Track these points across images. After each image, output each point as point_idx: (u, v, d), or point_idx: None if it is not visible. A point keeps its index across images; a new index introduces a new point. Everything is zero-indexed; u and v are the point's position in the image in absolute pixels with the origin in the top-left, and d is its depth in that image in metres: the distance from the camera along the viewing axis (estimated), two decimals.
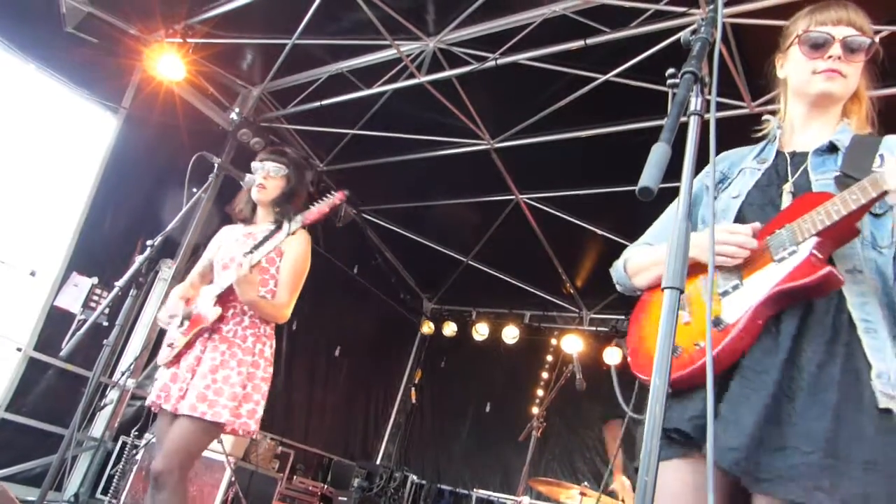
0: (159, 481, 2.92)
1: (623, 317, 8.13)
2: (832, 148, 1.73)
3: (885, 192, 1.45)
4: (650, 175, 1.14)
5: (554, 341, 8.48)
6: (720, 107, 4.94)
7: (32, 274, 5.51)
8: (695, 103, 1.29)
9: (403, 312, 9.63)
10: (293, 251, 3.32)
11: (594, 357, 7.84)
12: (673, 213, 1.79)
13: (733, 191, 1.81)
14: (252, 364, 3.13)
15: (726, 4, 4.25)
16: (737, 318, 1.55)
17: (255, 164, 3.47)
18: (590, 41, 4.90)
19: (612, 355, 7.87)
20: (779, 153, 1.82)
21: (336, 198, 3.18)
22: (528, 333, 8.76)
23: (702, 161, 1.29)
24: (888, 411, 1.46)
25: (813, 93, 1.78)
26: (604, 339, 8.09)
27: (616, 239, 7.09)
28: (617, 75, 5.18)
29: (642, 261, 1.96)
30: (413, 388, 9.74)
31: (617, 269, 2.05)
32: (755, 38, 4.58)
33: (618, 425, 6.74)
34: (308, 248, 3.37)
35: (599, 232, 7.12)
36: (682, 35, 1.41)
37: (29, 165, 5.51)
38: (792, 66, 1.86)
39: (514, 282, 8.61)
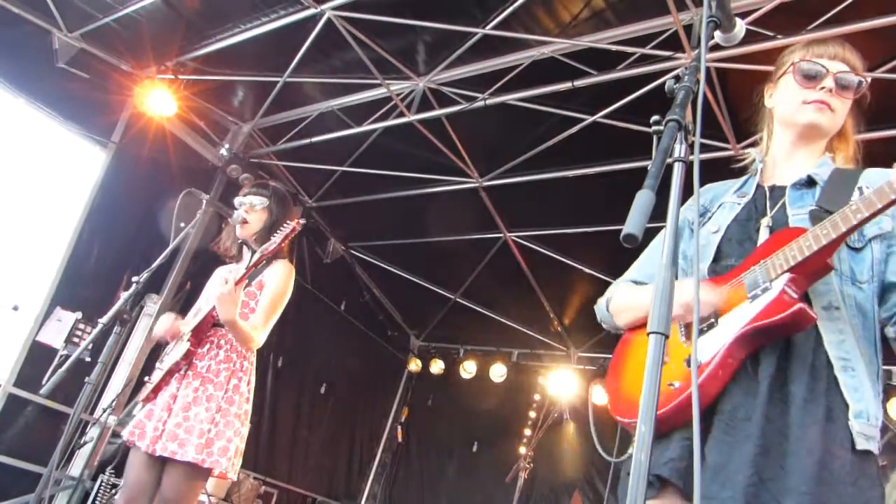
0: None
1: (610, 355, 8.07)
2: (810, 182, 1.73)
3: (856, 226, 1.44)
4: (634, 222, 1.15)
5: (541, 380, 8.43)
6: (704, 148, 5.01)
7: (15, 308, 5.45)
8: (679, 150, 1.31)
9: (391, 349, 9.56)
10: (273, 281, 3.27)
11: (582, 396, 7.80)
12: (657, 247, 1.89)
13: (713, 226, 1.80)
14: (225, 400, 3.05)
15: (710, 50, 4.33)
16: (710, 356, 1.54)
17: (237, 200, 3.42)
18: (577, 83, 4.97)
19: (600, 394, 7.84)
20: (759, 187, 1.83)
21: (291, 228, 3.06)
22: (515, 372, 8.70)
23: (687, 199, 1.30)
24: (867, 452, 1.46)
25: (801, 122, 1.79)
26: (591, 378, 8.05)
27: (603, 277, 7.10)
28: (604, 116, 5.25)
29: (625, 301, 1.95)
30: (399, 427, 9.62)
31: (600, 308, 2.05)
32: (739, 81, 4.67)
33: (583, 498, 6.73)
34: (289, 277, 3.31)
35: (587, 270, 7.14)
36: (666, 83, 1.43)
37: (15, 198, 5.49)
38: (782, 94, 1.87)
39: (501, 319, 8.59)
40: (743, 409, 1.51)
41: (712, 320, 1.61)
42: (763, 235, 1.68)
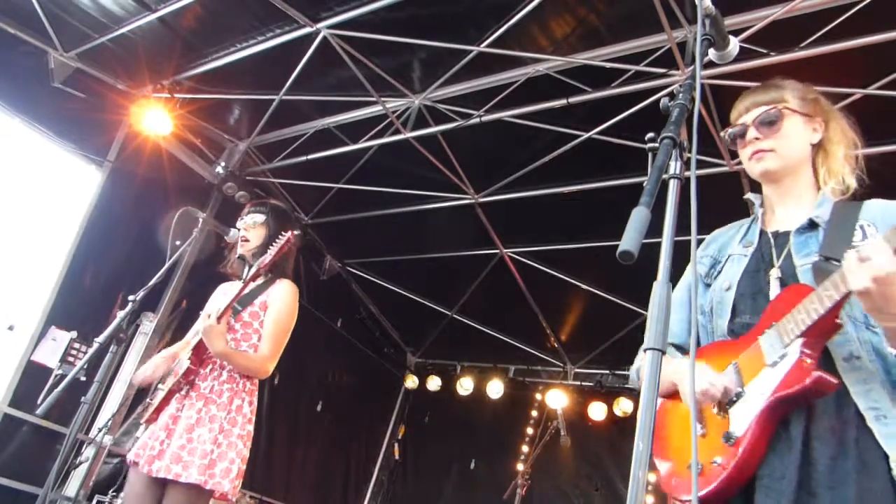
0: None
1: (607, 371, 8.11)
2: (812, 225, 1.74)
3: (850, 293, 1.44)
4: (630, 239, 1.15)
5: (539, 396, 8.41)
6: (700, 164, 5.02)
7: (11, 328, 5.42)
8: (674, 167, 1.32)
9: (387, 366, 9.53)
10: (277, 303, 3.23)
11: (579, 412, 7.78)
12: (678, 299, 1.96)
13: (724, 282, 1.82)
14: (228, 421, 3.03)
15: (705, 67, 4.37)
16: (744, 430, 1.57)
17: (239, 222, 3.44)
18: (572, 100, 4.99)
19: (596, 410, 7.82)
20: (762, 233, 1.85)
21: (286, 239, 3.07)
22: (512, 388, 8.68)
23: (682, 217, 1.30)
24: None
25: (756, 175, 1.87)
26: (588, 394, 8.04)
27: (600, 293, 7.12)
28: (599, 133, 5.28)
29: None
30: (396, 444, 9.57)
31: (632, 377, 2.06)
32: (734, 98, 4.68)
33: None
34: (294, 299, 3.29)
35: (584, 286, 7.15)
36: (661, 101, 1.44)
37: (10, 217, 5.48)
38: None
39: (498, 336, 8.58)
40: (779, 469, 1.54)
41: (739, 390, 1.63)
42: (774, 288, 1.69)
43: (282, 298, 3.25)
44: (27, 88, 5.54)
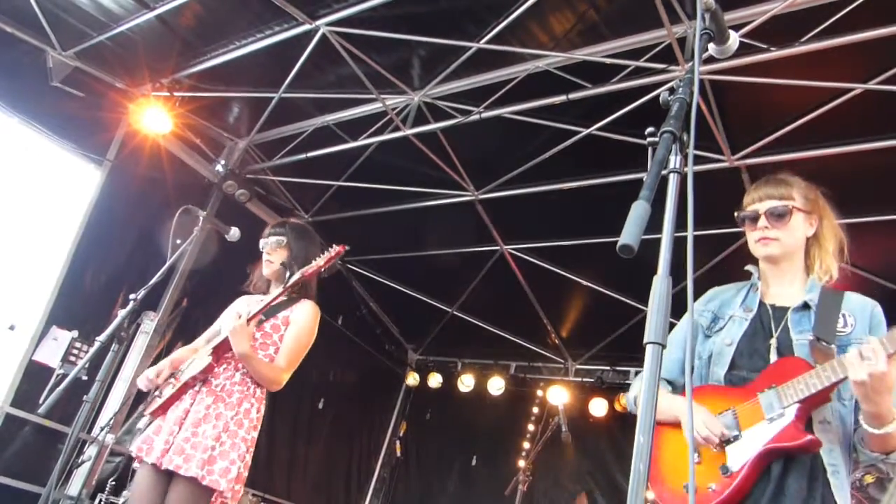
0: None
1: (608, 367, 8.11)
2: (805, 306, 2.13)
3: (845, 378, 1.83)
4: (630, 233, 1.15)
5: (539, 392, 8.41)
6: (699, 160, 5.03)
7: (12, 328, 5.43)
8: (674, 161, 1.32)
9: (388, 364, 9.54)
10: (299, 320, 3.36)
11: (580, 408, 7.78)
12: (676, 342, 2.26)
13: (726, 338, 2.20)
14: (235, 422, 3.07)
15: (704, 62, 4.36)
16: (740, 466, 1.93)
17: (261, 242, 3.51)
18: (572, 96, 4.99)
19: (598, 406, 7.83)
20: (761, 304, 2.23)
21: (334, 252, 3.22)
22: (513, 384, 8.69)
23: (683, 213, 1.31)
24: None
25: (760, 256, 2.24)
26: (589, 391, 8.05)
27: (600, 289, 7.11)
28: (599, 129, 5.27)
29: None
30: (398, 441, 9.58)
31: (628, 403, 2.46)
32: (734, 93, 4.70)
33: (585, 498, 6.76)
34: (315, 321, 3.43)
35: (584, 282, 7.15)
36: (661, 95, 1.44)
37: (10, 217, 5.48)
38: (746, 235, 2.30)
39: (499, 332, 8.58)
40: (757, 500, 1.92)
41: (736, 433, 1.99)
42: (773, 355, 2.08)
43: (305, 317, 3.39)
44: (26, 87, 5.54)
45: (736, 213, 2.29)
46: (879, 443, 1.90)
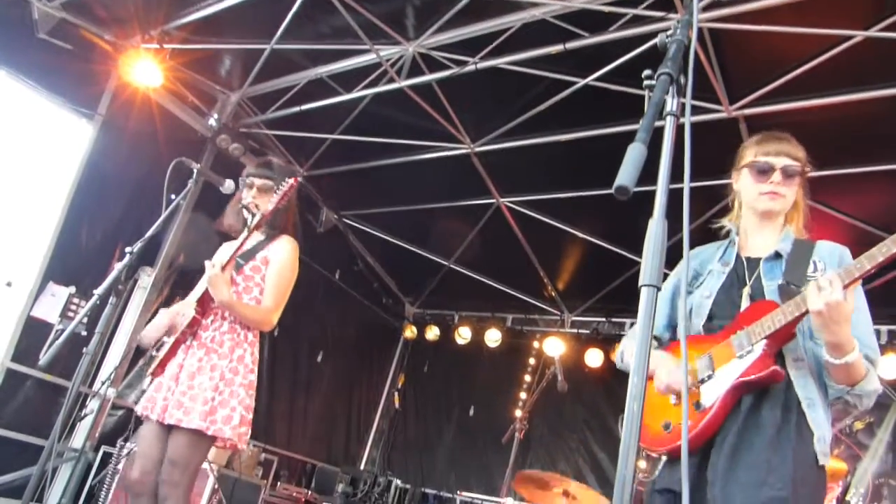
0: (136, 491, 2.90)
1: (604, 319, 8.18)
2: (777, 255, 2.23)
3: (807, 311, 1.91)
4: (626, 174, 1.15)
5: (536, 344, 8.50)
6: (697, 110, 4.98)
7: (9, 284, 5.43)
8: (670, 104, 1.30)
9: (386, 317, 9.60)
10: (278, 258, 3.30)
11: (576, 359, 7.87)
12: (664, 297, 2.38)
13: (705, 291, 2.31)
14: (230, 370, 3.10)
15: (704, 9, 4.30)
16: (712, 402, 2.03)
17: (242, 181, 3.41)
18: (569, 45, 4.92)
19: (593, 357, 7.91)
20: (738, 257, 2.32)
21: (287, 185, 3.10)
22: (510, 336, 8.77)
23: (677, 166, 1.30)
24: (822, 466, 2.01)
25: (760, 209, 2.28)
26: (585, 342, 8.13)
27: (596, 241, 7.12)
28: (597, 79, 5.21)
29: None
30: (396, 393, 9.70)
31: (618, 359, 2.65)
32: (733, 42, 4.63)
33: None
34: (294, 255, 3.36)
35: (580, 235, 7.16)
36: (658, 37, 1.42)
37: (3, 174, 5.43)
38: (744, 184, 2.33)
39: (495, 285, 8.62)
40: (728, 430, 2.03)
41: (710, 373, 2.09)
42: (745, 302, 2.19)
43: (283, 253, 3.32)
44: (10, 40, 5.40)
45: (743, 161, 2.33)
46: (842, 373, 1.98)
